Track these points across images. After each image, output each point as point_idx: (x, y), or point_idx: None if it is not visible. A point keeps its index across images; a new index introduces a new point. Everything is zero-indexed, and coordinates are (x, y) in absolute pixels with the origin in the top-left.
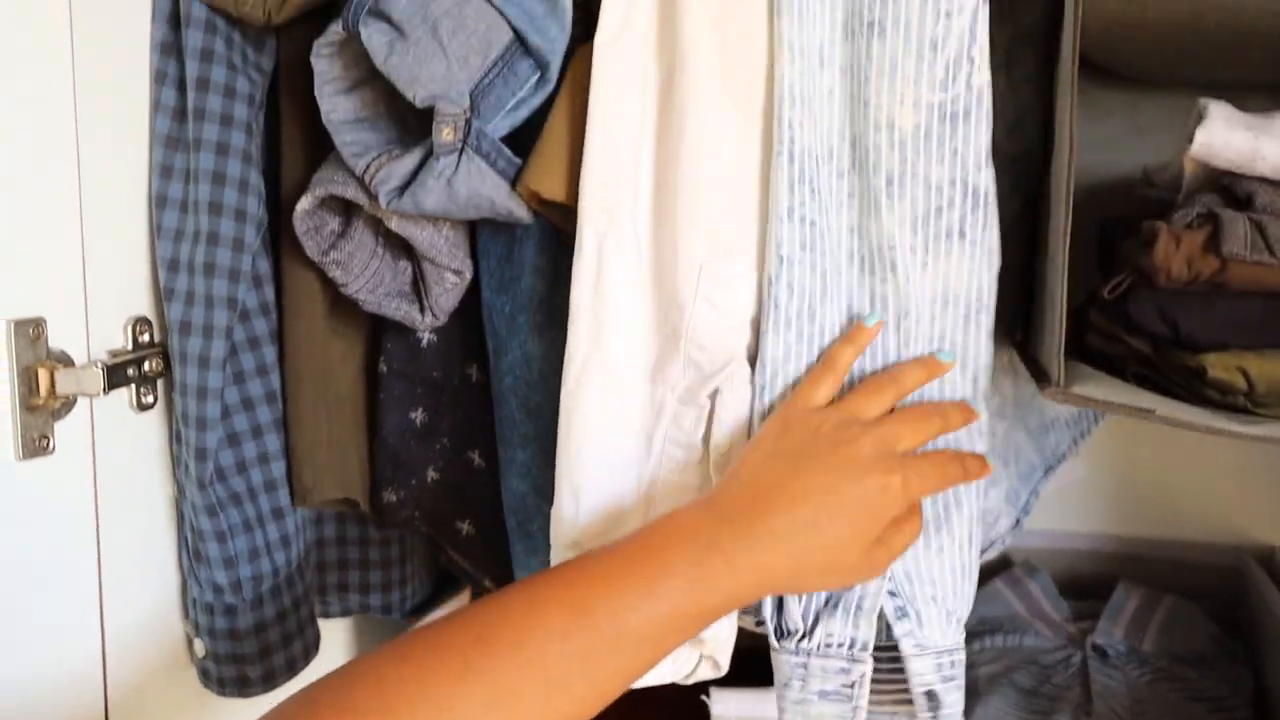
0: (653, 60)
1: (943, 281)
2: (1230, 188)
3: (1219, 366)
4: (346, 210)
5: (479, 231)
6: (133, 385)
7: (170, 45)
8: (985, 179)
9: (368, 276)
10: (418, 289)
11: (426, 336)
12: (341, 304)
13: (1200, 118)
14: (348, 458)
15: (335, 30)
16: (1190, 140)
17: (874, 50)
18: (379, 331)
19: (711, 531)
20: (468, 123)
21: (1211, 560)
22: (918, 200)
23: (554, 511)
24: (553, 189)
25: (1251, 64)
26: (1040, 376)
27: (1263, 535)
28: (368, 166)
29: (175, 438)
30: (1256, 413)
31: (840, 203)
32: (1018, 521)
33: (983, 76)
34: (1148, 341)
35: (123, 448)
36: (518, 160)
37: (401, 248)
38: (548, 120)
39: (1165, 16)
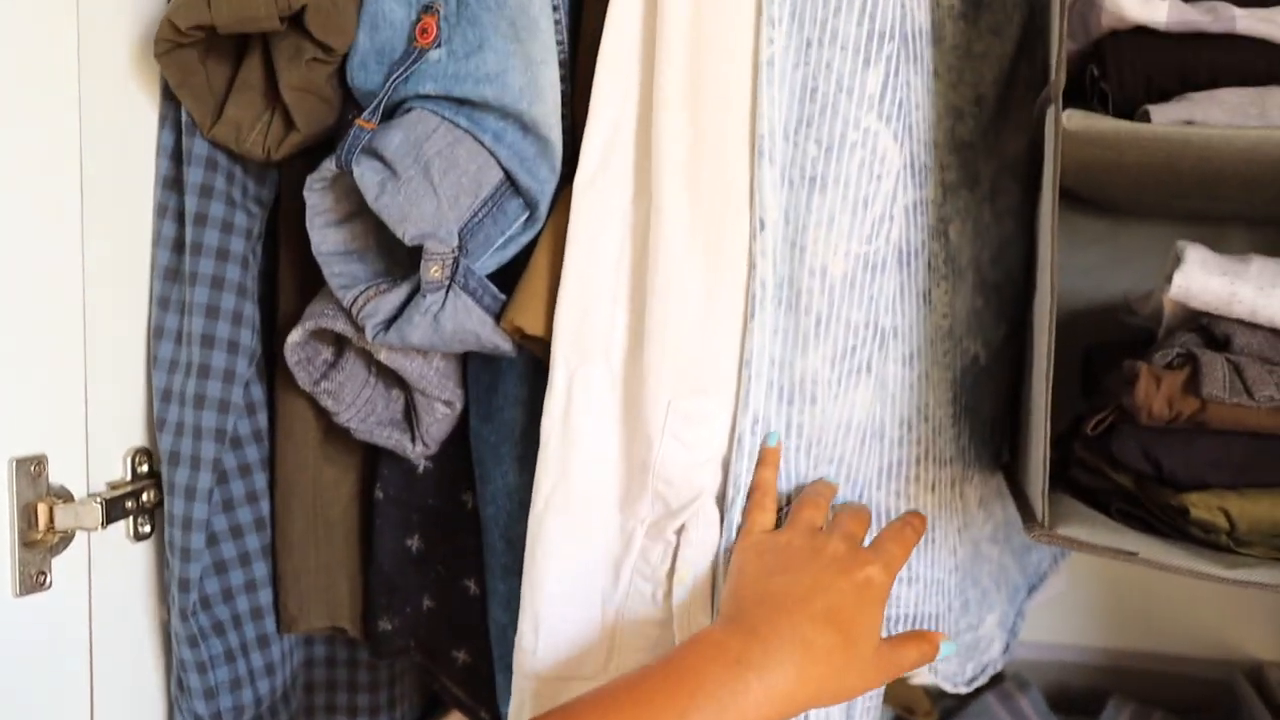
0: (629, 201)
1: (848, 411)
2: (1209, 328)
3: (1201, 506)
4: (338, 341)
5: (468, 362)
6: (130, 517)
7: (173, 179)
8: (889, 321)
9: (359, 406)
10: (409, 418)
11: (423, 464)
12: (334, 430)
13: (1178, 261)
14: (337, 585)
15: (329, 166)
16: (1169, 281)
17: (814, 203)
18: (374, 458)
19: (740, 647)
20: (456, 261)
21: (1201, 675)
22: (838, 339)
23: (516, 640)
24: (534, 324)
25: (1227, 199)
26: (1026, 514)
27: (1252, 651)
28: (355, 299)
29: (166, 564)
30: (1239, 552)
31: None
32: (1007, 645)
33: (897, 231)
34: (1131, 478)
35: (119, 579)
36: (503, 296)
37: (394, 377)
38: (532, 257)
39: (1142, 161)
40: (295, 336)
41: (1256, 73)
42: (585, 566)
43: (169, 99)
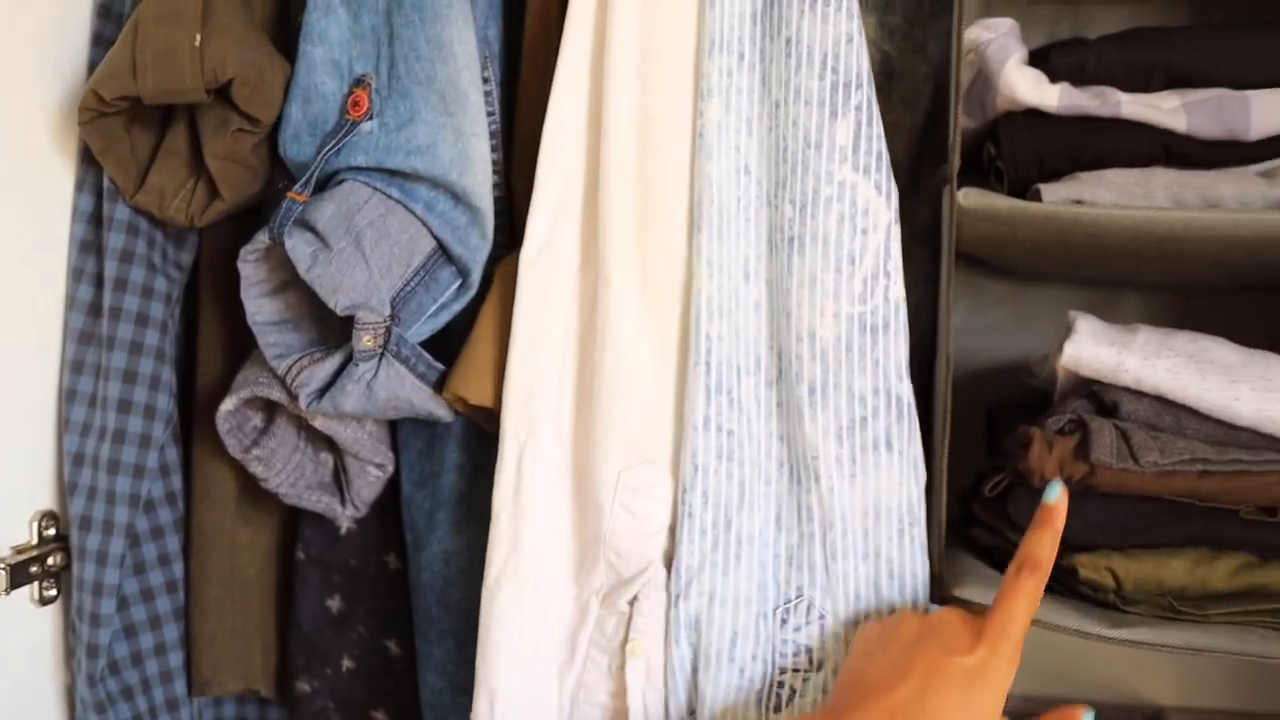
0: (576, 274)
1: (873, 494)
2: (1099, 395)
3: (1089, 566)
4: (269, 407)
5: (400, 426)
6: (35, 581)
7: (90, 244)
8: (906, 389)
9: (289, 471)
10: (339, 480)
11: (346, 524)
12: (252, 491)
13: (1069, 331)
14: (251, 647)
15: (262, 238)
16: (1060, 350)
17: (794, 264)
18: (293, 517)
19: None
20: (388, 329)
21: None
22: (841, 410)
23: (472, 715)
24: (480, 395)
25: (1119, 269)
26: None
27: (1152, 697)
28: (289, 369)
29: (70, 628)
30: (1125, 610)
31: (769, 411)
32: None
33: (898, 290)
34: None
35: (22, 644)
36: (438, 365)
37: (324, 441)
38: (474, 328)
39: (1035, 235)
40: (228, 405)
41: (1140, 155)
42: (541, 639)
43: (88, 163)
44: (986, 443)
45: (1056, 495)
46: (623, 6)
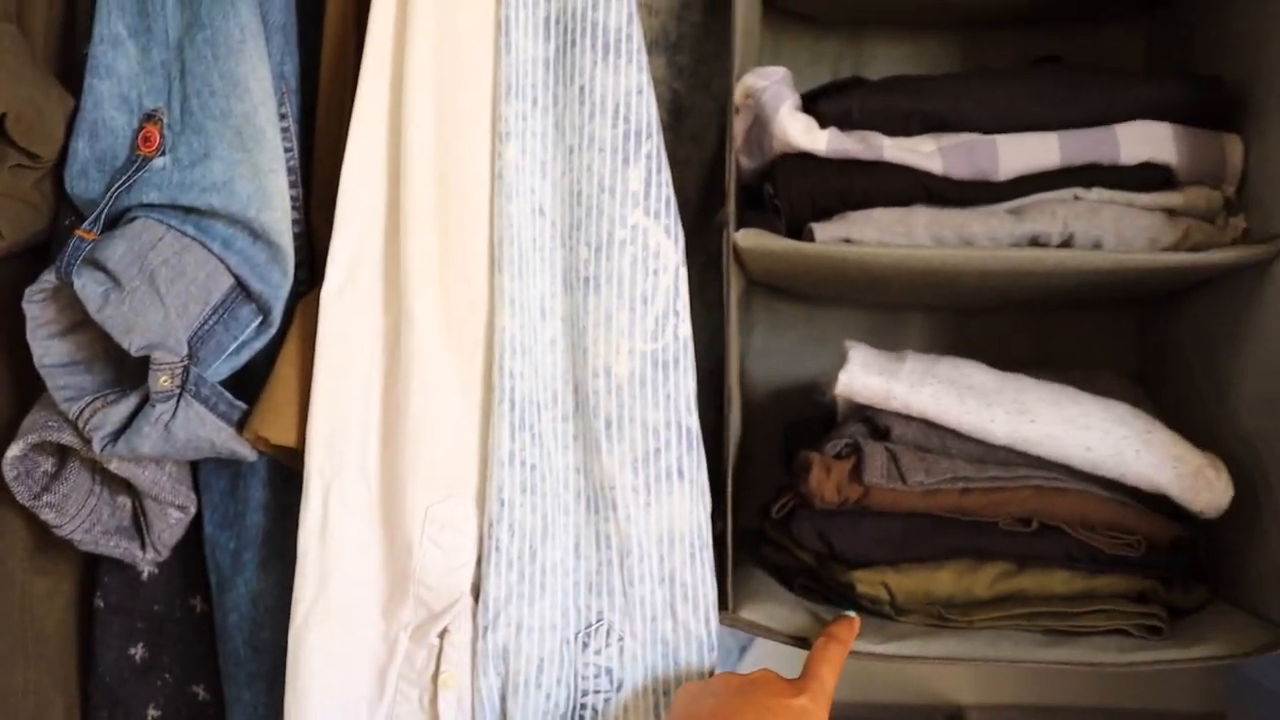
0: (379, 311)
1: (667, 521)
2: (873, 419)
3: (865, 581)
4: (61, 451)
5: (202, 466)
6: None
7: None
8: (695, 422)
9: (84, 516)
10: (139, 524)
11: (147, 569)
12: (47, 538)
13: (844, 360)
14: (50, 703)
15: (48, 278)
16: (836, 380)
17: (590, 303)
18: (93, 565)
19: None
20: (186, 369)
21: None
22: (636, 442)
23: None
24: (282, 434)
25: (898, 295)
26: (721, 595)
27: (952, 695)
28: (81, 412)
29: None
30: (899, 620)
31: (566, 445)
32: None
33: (686, 328)
34: (812, 555)
35: None
36: (240, 404)
37: (120, 484)
38: (276, 366)
39: (813, 268)
40: (15, 451)
41: (903, 194)
42: (350, 676)
43: None
44: (784, 459)
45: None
46: (418, 47)
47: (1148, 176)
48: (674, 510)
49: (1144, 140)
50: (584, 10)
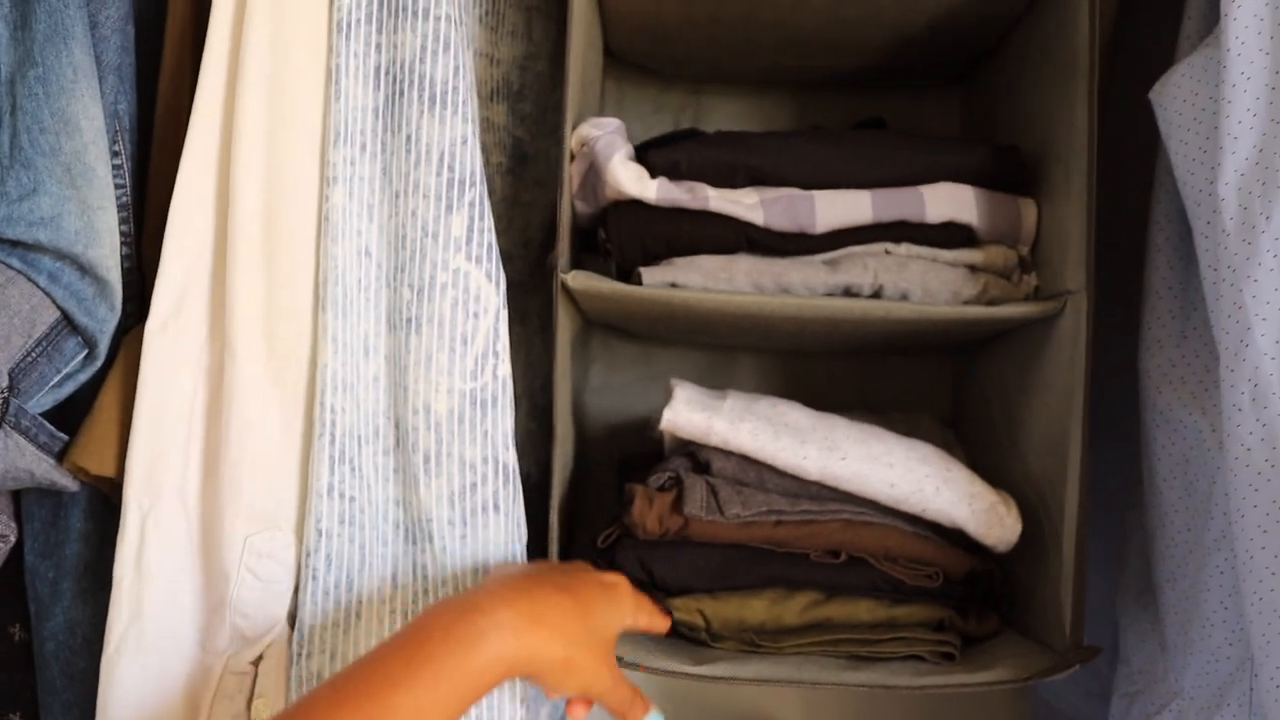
0: (204, 346)
1: (482, 553)
2: (695, 454)
3: (683, 609)
4: None
5: (24, 495)
6: None
7: None
8: (512, 458)
9: None
10: None
11: None
12: None
13: (669, 397)
14: None
15: None
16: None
17: (412, 343)
18: None
19: (471, 597)
20: (6, 400)
21: None
22: (453, 477)
23: None
24: (102, 465)
25: (726, 337)
26: None
27: (781, 717)
28: None
29: None
30: (714, 646)
31: (387, 478)
32: None
33: (505, 368)
34: (637, 585)
35: None
36: (61, 435)
37: None
38: (98, 398)
39: (641, 311)
40: None
41: (727, 243)
42: (163, 706)
43: None
44: (617, 492)
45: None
46: (250, 91)
47: (951, 234)
48: (489, 542)
49: (948, 201)
50: (412, 62)
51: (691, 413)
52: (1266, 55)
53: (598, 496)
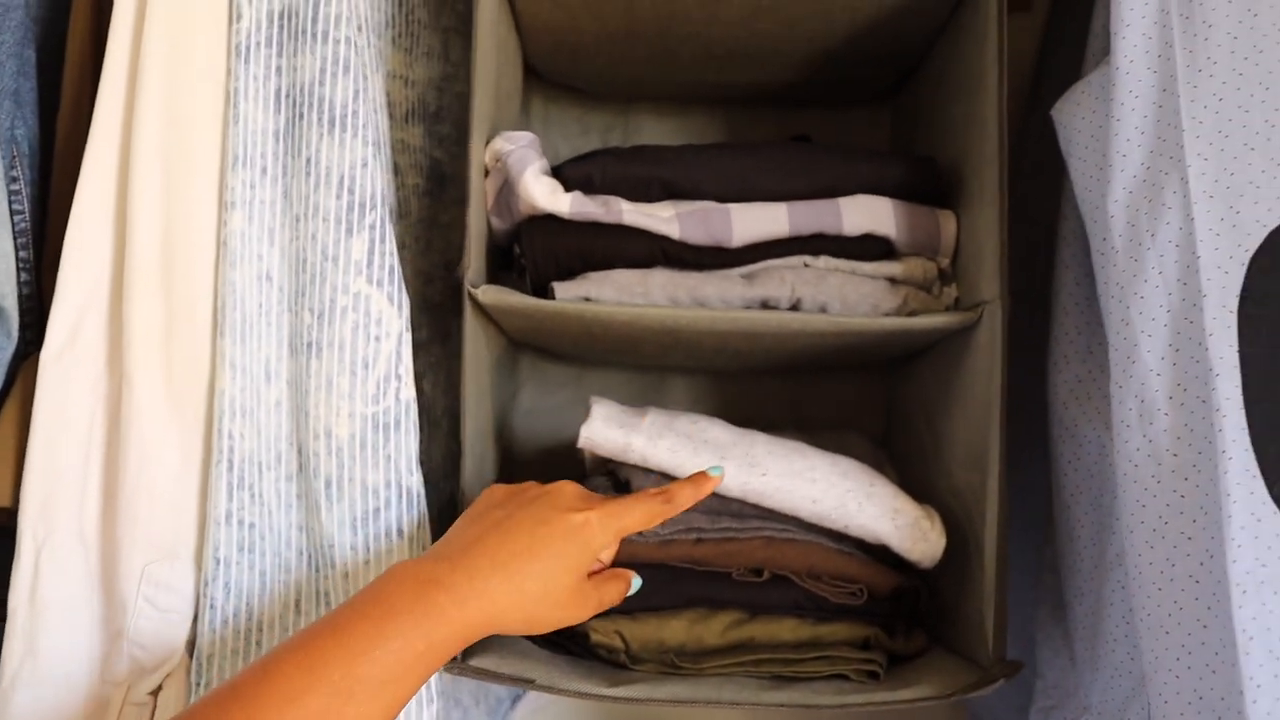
0: (102, 374)
1: None
2: (615, 472)
3: (600, 631)
4: None
5: None
6: None
7: None
8: (416, 481)
9: None
10: None
11: None
12: None
13: (588, 415)
14: None
15: None
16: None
17: (313, 367)
18: None
19: (431, 568)
20: None
21: None
22: (356, 502)
23: None
24: None
25: (652, 356)
26: None
27: None
28: None
29: None
30: (634, 669)
31: (289, 504)
32: None
33: (409, 391)
34: None
35: None
36: None
37: None
38: None
39: (556, 327)
40: None
41: (642, 257)
42: None
43: None
44: None
45: (719, 473)
46: (147, 116)
47: (870, 247)
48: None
49: (865, 213)
50: (312, 85)
51: (609, 430)
52: (1154, 74)
53: None
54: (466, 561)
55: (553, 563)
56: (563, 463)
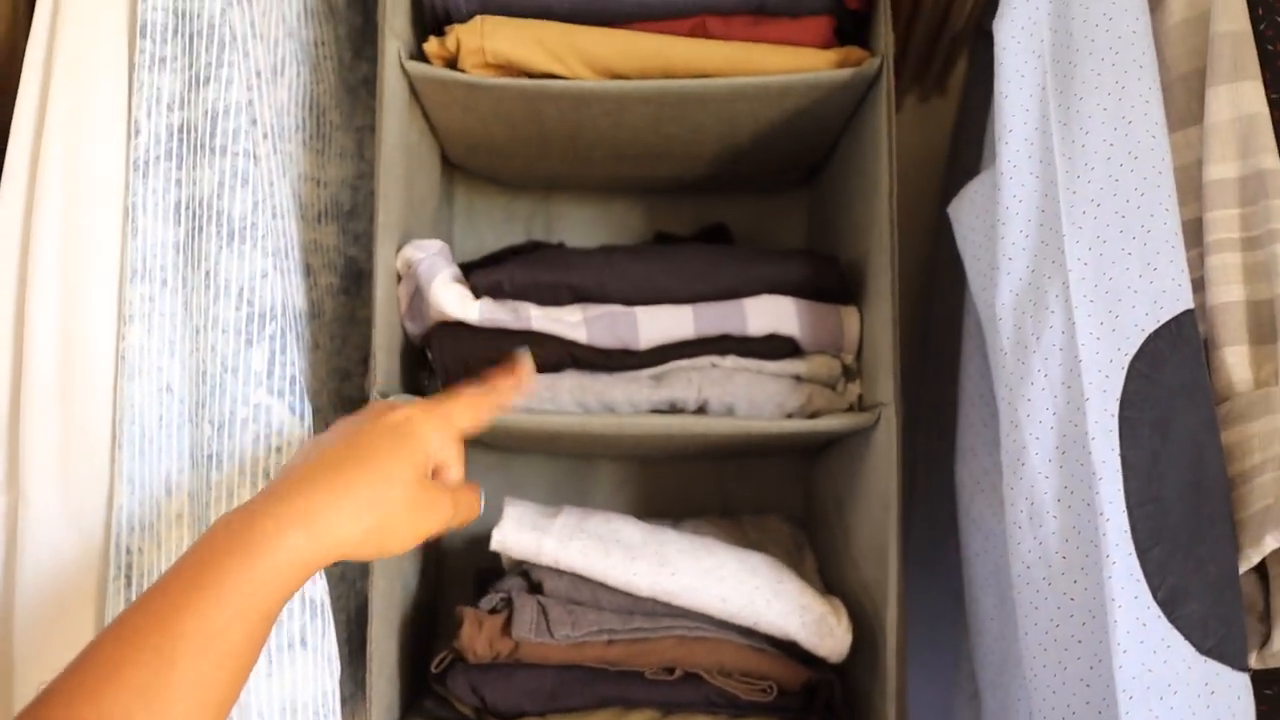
0: (2, 489)
1: (290, 690)
2: (528, 573)
3: None
4: None
5: None
6: None
7: None
8: (320, 590)
9: None
10: None
11: None
12: None
13: (501, 517)
14: None
15: None
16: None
17: (213, 479)
18: None
19: (249, 506)
20: None
21: None
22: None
23: None
24: None
25: (574, 447)
26: None
27: None
28: None
29: None
30: None
31: None
32: None
33: None
34: (470, 709)
35: None
36: None
37: None
38: None
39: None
40: None
41: (551, 361)
42: None
43: None
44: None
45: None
46: (44, 231)
47: (775, 346)
48: (296, 679)
49: (769, 313)
50: (210, 198)
51: (521, 533)
52: (1036, 179)
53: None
54: (284, 487)
55: (380, 464)
56: (490, 552)
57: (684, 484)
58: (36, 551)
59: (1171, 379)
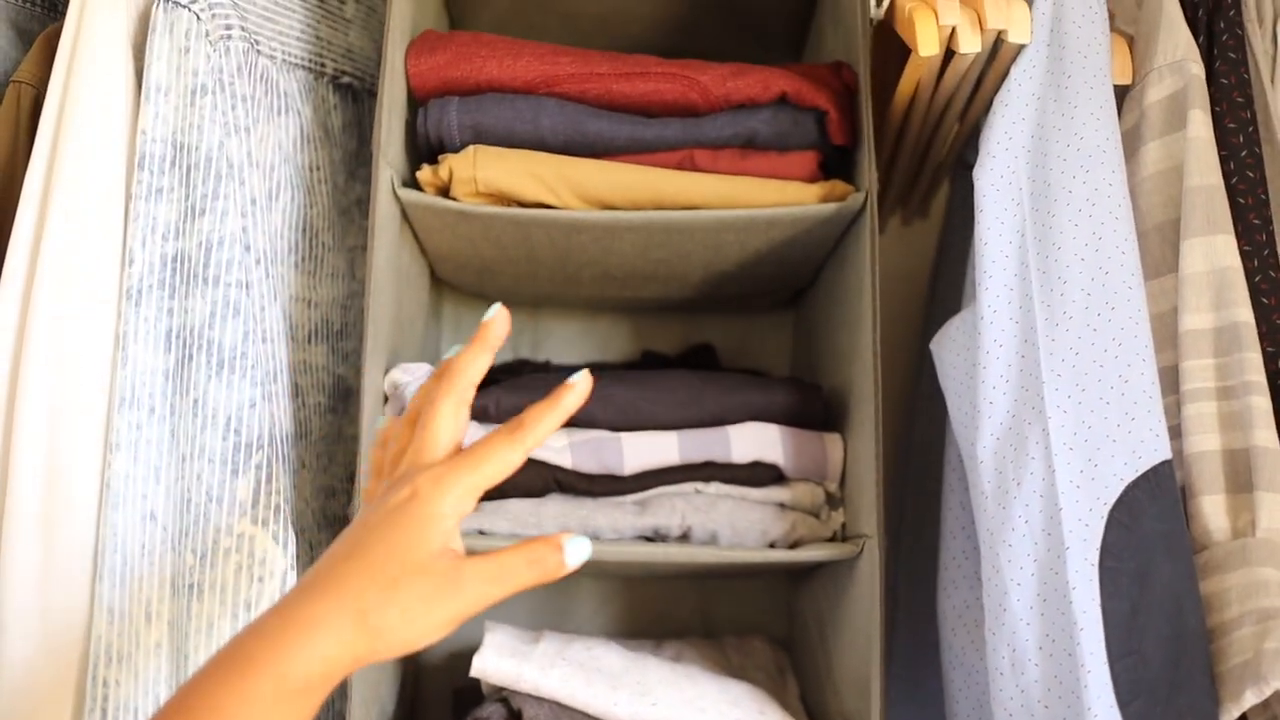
0: None
1: None
2: (509, 700)
3: None
4: None
5: None
6: None
7: None
8: None
9: None
10: None
11: None
12: None
13: (481, 643)
14: None
15: None
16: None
17: (194, 609)
18: None
19: (254, 622)
20: None
21: None
22: None
23: None
24: None
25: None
26: None
27: None
28: None
29: None
30: None
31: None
32: None
33: None
34: None
35: None
36: None
37: None
38: None
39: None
40: None
41: (536, 486)
42: None
43: None
44: None
45: (578, 378)
46: (34, 360)
47: (759, 474)
48: None
49: (753, 441)
50: (201, 328)
51: (501, 660)
52: (1016, 324)
53: None
54: (309, 576)
55: (399, 537)
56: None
57: (666, 603)
58: (13, 684)
59: (1150, 529)
